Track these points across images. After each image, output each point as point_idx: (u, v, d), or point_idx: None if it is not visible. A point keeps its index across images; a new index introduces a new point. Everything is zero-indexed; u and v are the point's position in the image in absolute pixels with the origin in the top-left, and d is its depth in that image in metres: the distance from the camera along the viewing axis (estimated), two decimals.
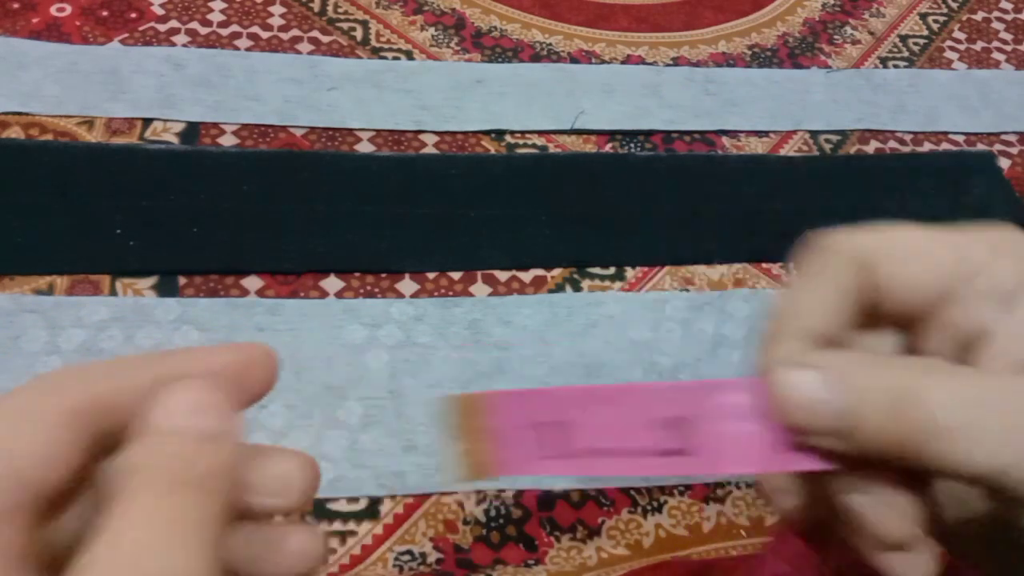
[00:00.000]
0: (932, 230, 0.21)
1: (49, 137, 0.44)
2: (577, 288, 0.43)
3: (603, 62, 0.54)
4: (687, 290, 0.44)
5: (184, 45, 0.49)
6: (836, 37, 0.59)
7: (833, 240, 0.21)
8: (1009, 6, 0.63)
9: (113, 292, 0.40)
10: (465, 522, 0.36)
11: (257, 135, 0.47)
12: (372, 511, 0.35)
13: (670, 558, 0.35)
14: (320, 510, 0.35)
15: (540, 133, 0.50)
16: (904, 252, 0.21)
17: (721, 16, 0.59)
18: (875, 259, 0.21)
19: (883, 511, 0.20)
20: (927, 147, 0.53)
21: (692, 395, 0.20)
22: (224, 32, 0.51)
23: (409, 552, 0.34)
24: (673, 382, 0.23)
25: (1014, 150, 0.54)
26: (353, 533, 0.35)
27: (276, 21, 0.52)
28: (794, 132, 0.52)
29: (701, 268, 0.45)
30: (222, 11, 0.52)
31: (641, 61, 0.55)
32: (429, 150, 0.48)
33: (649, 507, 0.37)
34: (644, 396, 0.21)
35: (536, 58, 0.54)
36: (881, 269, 0.21)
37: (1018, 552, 0.21)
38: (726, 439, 0.20)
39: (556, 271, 0.44)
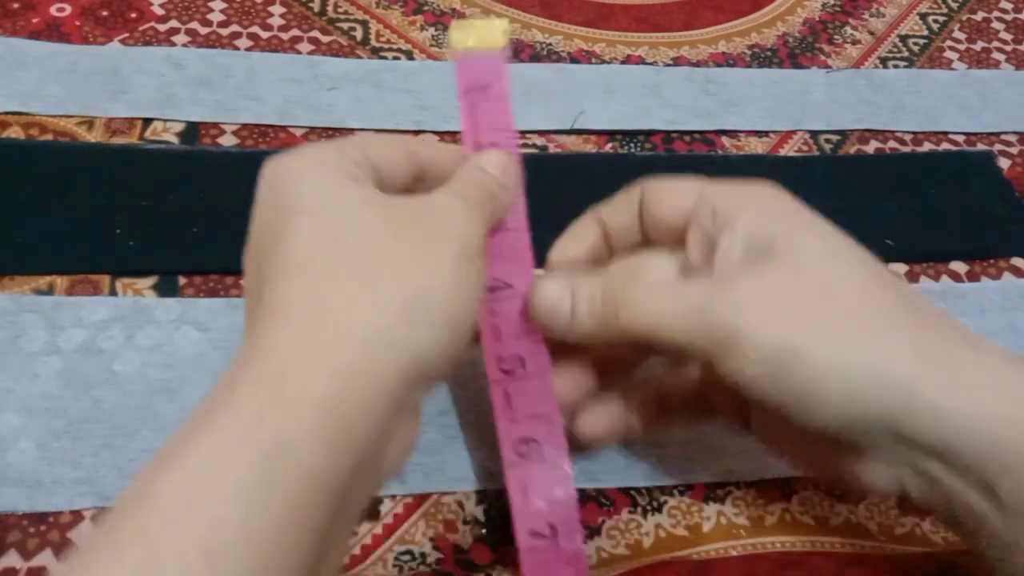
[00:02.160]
0: (695, 180, 0.31)
1: (49, 137, 0.44)
2: None
3: (603, 62, 0.54)
4: None
5: (184, 45, 0.50)
6: (836, 37, 0.59)
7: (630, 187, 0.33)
8: (1009, 6, 0.63)
9: (113, 292, 0.40)
10: (465, 522, 0.36)
11: (257, 135, 0.47)
12: (372, 511, 0.35)
13: (670, 558, 0.35)
14: None
15: (540, 133, 0.50)
16: (661, 190, 0.31)
17: (721, 16, 0.59)
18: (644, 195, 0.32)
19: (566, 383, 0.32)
20: (927, 147, 0.53)
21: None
22: (224, 32, 0.51)
23: (409, 552, 0.34)
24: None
25: (1014, 150, 0.54)
26: (353, 533, 0.35)
27: (276, 21, 0.52)
28: (794, 132, 0.52)
29: None
30: (222, 11, 0.52)
31: (641, 61, 0.55)
32: None
33: (649, 507, 0.37)
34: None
35: (536, 58, 0.54)
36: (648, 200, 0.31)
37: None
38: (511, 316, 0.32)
39: None
